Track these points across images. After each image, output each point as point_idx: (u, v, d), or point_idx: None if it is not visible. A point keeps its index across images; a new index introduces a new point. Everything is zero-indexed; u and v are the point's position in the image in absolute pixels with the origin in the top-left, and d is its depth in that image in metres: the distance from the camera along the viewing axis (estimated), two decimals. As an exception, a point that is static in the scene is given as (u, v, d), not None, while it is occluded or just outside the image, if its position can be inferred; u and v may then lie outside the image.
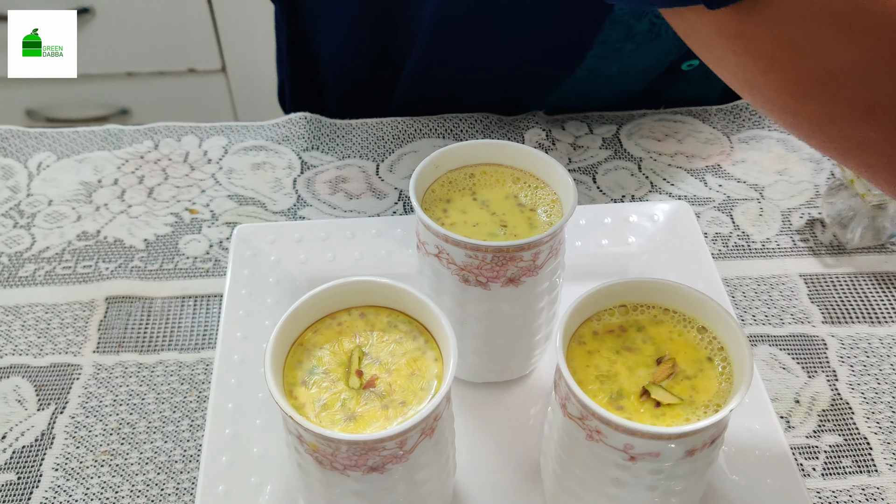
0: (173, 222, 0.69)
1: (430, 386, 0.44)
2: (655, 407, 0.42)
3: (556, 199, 0.53)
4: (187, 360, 0.60)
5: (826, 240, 0.68)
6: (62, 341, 0.61)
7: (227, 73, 1.63)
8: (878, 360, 0.60)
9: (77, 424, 0.56)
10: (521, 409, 0.56)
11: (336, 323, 0.46)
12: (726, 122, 0.77)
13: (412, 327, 0.46)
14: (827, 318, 0.62)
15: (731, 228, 0.69)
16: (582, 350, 0.45)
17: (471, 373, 0.57)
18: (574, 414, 0.43)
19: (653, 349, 0.45)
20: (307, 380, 0.44)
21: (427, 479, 0.45)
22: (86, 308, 0.63)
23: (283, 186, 0.72)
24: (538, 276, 0.51)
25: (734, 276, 0.65)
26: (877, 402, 0.57)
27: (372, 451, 0.41)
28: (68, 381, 0.59)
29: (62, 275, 0.65)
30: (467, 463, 0.53)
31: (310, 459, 0.43)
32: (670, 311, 0.46)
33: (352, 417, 0.42)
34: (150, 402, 0.58)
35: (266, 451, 0.53)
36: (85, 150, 0.75)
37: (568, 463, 0.45)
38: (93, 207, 0.70)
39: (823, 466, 0.54)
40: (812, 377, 0.59)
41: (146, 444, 0.56)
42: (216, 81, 1.65)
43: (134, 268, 0.66)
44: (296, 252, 0.63)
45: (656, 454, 0.41)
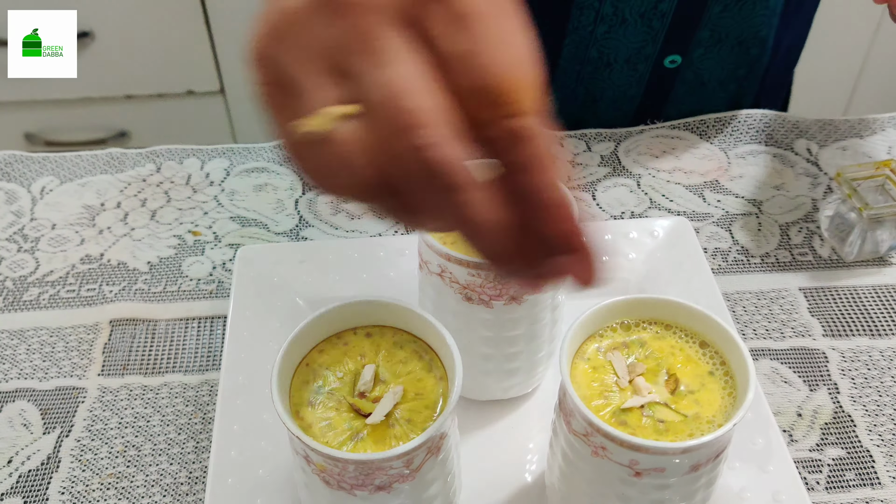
0: (176, 244, 0.70)
1: (436, 404, 0.44)
2: (659, 423, 0.43)
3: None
4: (192, 382, 0.60)
5: (825, 253, 0.68)
6: (67, 365, 0.61)
7: (225, 94, 1.64)
8: (879, 372, 0.60)
9: (83, 448, 0.57)
10: (526, 426, 0.56)
11: (342, 343, 0.47)
12: (723, 138, 0.78)
13: (418, 346, 0.46)
14: (827, 332, 0.63)
15: (730, 243, 0.69)
16: (586, 367, 0.45)
17: (475, 391, 0.57)
18: (579, 430, 0.43)
19: (655, 365, 0.45)
20: (313, 400, 0.44)
21: (433, 497, 0.45)
22: (90, 331, 0.63)
23: (285, 207, 0.73)
24: (540, 293, 0.51)
25: (734, 291, 0.66)
26: (879, 415, 0.58)
27: (379, 470, 0.41)
28: (73, 405, 0.59)
29: (66, 298, 0.66)
30: (473, 480, 0.53)
31: (317, 480, 0.43)
32: (672, 327, 0.47)
33: (358, 437, 0.42)
34: (155, 424, 0.58)
35: (271, 473, 0.53)
36: (87, 174, 0.76)
37: (573, 479, 0.45)
38: (96, 231, 0.71)
39: (827, 480, 0.54)
40: (814, 390, 0.59)
41: (152, 466, 0.56)
42: (215, 103, 1.66)
43: (137, 290, 0.66)
44: (299, 273, 0.63)
45: (661, 469, 0.41)
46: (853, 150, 0.77)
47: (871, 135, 0.78)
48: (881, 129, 0.79)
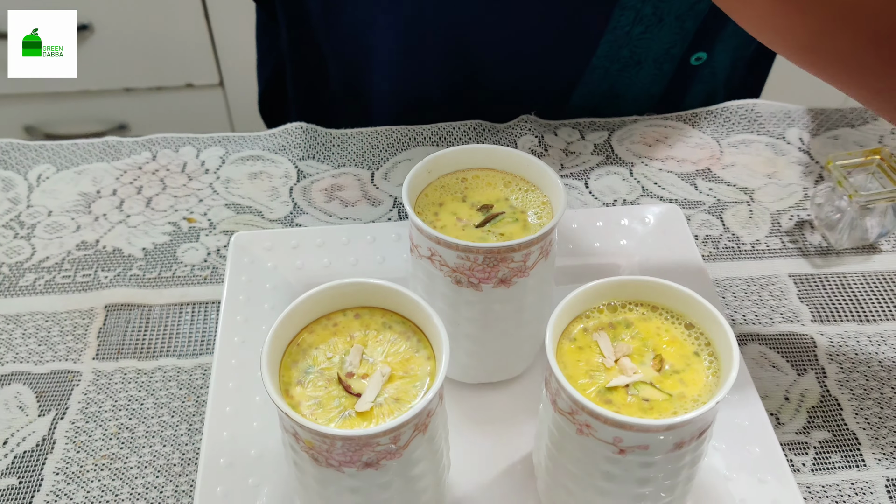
0: (171, 231, 0.70)
1: (424, 383, 0.44)
2: (644, 401, 0.43)
3: (546, 201, 0.54)
4: (185, 366, 0.61)
5: (815, 241, 0.69)
6: (62, 349, 0.62)
7: (224, 87, 1.65)
8: (866, 357, 0.61)
9: (77, 429, 0.57)
10: (515, 408, 0.57)
11: (332, 324, 0.47)
12: (716, 127, 0.79)
13: (406, 328, 0.47)
14: (816, 318, 0.63)
15: (721, 231, 0.70)
16: (572, 346, 0.46)
17: (465, 374, 0.58)
18: (564, 409, 0.43)
19: (641, 345, 0.46)
20: (303, 379, 0.45)
21: (422, 476, 0.45)
22: (85, 316, 0.64)
23: (279, 195, 0.73)
24: (529, 276, 0.51)
25: (724, 277, 0.66)
26: (865, 399, 0.58)
27: (366, 446, 0.41)
28: (68, 388, 0.60)
29: (62, 284, 0.66)
30: (462, 461, 0.53)
31: (306, 457, 0.43)
32: (658, 308, 0.47)
33: (346, 415, 0.43)
34: (148, 406, 0.59)
35: (263, 453, 0.53)
36: (84, 162, 0.76)
37: (559, 458, 0.46)
38: (92, 218, 0.71)
39: (813, 462, 0.55)
40: (801, 375, 0.60)
41: (145, 448, 0.56)
42: (214, 96, 1.66)
43: (132, 276, 0.67)
44: (292, 258, 0.64)
45: (645, 447, 0.42)
46: (845, 138, 0.77)
47: (862, 124, 0.79)
48: (873, 119, 0.79)
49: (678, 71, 0.77)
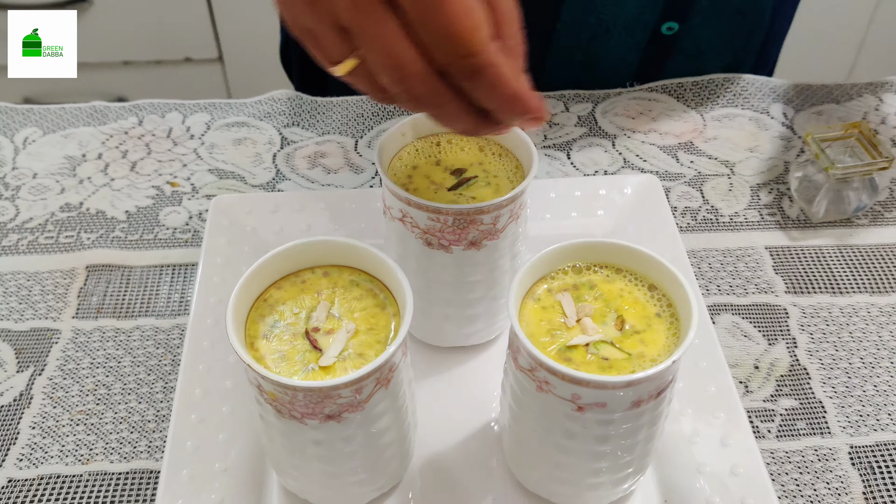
0: (154, 195, 0.71)
1: (388, 339, 0.45)
2: (603, 360, 0.44)
3: (519, 165, 0.54)
4: (163, 326, 0.62)
5: (793, 214, 0.69)
6: (42, 307, 0.63)
7: (223, 61, 1.65)
8: (837, 328, 0.61)
9: (55, 386, 0.58)
10: (486, 371, 0.58)
11: (300, 280, 0.48)
12: (700, 100, 0.79)
13: (373, 285, 0.48)
14: (790, 289, 0.64)
15: (700, 203, 0.70)
16: (535, 306, 0.46)
17: (438, 337, 0.59)
18: (524, 366, 0.44)
19: (604, 306, 0.46)
20: (268, 333, 0.45)
21: (385, 430, 0.46)
22: (66, 276, 0.65)
23: (263, 161, 0.74)
24: (499, 239, 0.52)
25: (701, 248, 0.67)
26: (833, 368, 0.59)
27: (328, 398, 0.42)
28: (47, 345, 0.60)
29: (44, 244, 0.67)
30: (431, 421, 0.54)
31: (269, 409, 0.44)
32: (623, 270, 0.48)
33: (310, 368, 0.44)
34: (126, 365, 0.59)
35: (235, 410, 0.54)
36: (71, 126, 0.77)
37: (521, 415, 0.47)
38: (76, 180, 0.72)
39: (778, 429, 0.55)
40: (772, 344, 0.60)
41: (121, 404, 0.57)
42: (212, 70, 1.66)
43: (115, 238, 0.67)
44: (271, 222, 0.64)
45: (603, 404, 0.42)
46: (829, 114, 0.78)
47: (847, 100, 0.79)
48: (857, 95, 0.79)
49: (652, 41, 0.77)
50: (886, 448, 0.54)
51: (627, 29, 0.76)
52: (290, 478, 0.49)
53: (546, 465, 0.48)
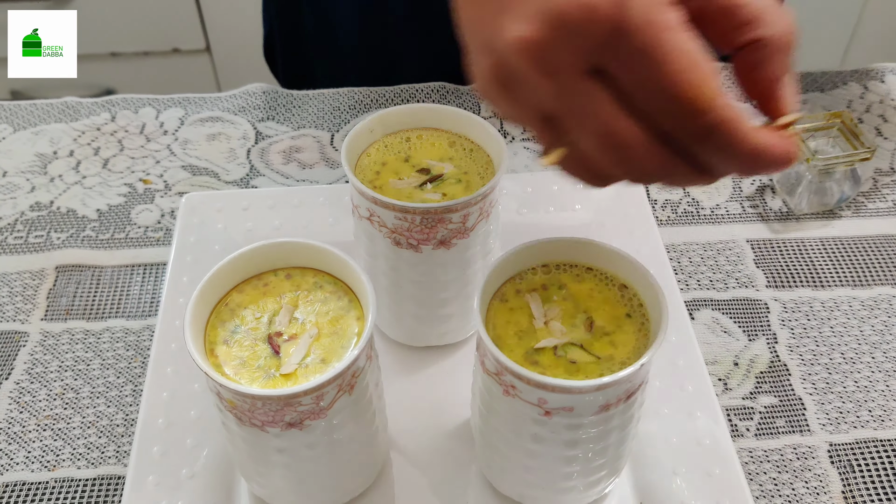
0: (126, 192, 0.70)
1: (351, 344, 0.44)
2: (571, 363, 0.43)
3: (489, 161, 0.53)
4: (134, 327, 0.61)
5: (776, 206, 0.68)
6: (10, 309, 0.62)
7: (211, 52, 1.63)
8: (818, 322, 0.60)
9: (21, 390, 0.57)
10: (461, 370, 0.56)
11: (262, 283, 0.47)
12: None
13: (337, 288, 0.47)
14: (771, 283, 0.63)
15: (681, 195, 0.69)
16: (503, 307, 0.45)
17: (411, 336, 0.57)
18: (491, 370, 0.43)
19: (573, 306, 0.45)
20: (229, 339, 0.44)
21: (350, 437, 0.45)
22: (35, 277, 0.64)
23: (237, 157, 0.72)
24: (469, 238, 0.51)
25: (682, 242, 0.65)
26: (814, 364, 0.58)
27: (288, 406, 0.41)
28: (14, 348, 0.59)
29: (13, 245, 0.66)
30: (404, 423, 0.53)
31: (230, 417, 0.43)
32: (593, 269, 0.47)
33: (271, 375, 0.43)
34: (95, 368, 0.58)
35: (203, 415, 0.53)
36: (42, 123, 0.75)
37: (490, 419, 0.46)
38: (47, 178, 0.71)
39: (757, 427, 0.54)
40: (752, 340, 0.59)
41: (89, 408, 0.56)
42: (200, 61, 1.65)
43: (85, 237, 0.66)
44: (242, 220, 0.63)
45: (570, 409, 0.41)
46: (812, 102, 0.76)
47: (832, 88, 0.78)
48: (843, 83, 0.78)
49: None
50: (866, 446, 0.54)
51: None
52: (256, 485, 0.48)
53: (516, 468, 0.47)
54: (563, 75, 0.33)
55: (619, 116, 0.34)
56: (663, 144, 0.34)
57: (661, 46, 0.32)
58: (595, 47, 0.32)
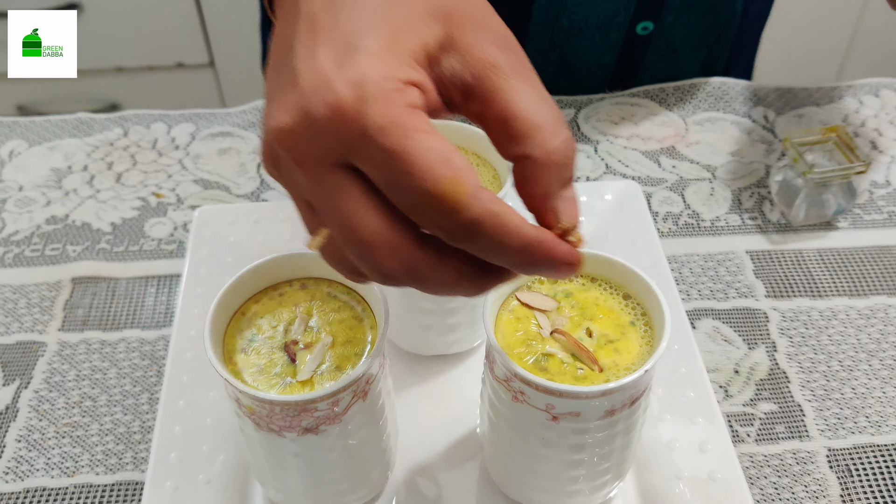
0: (140, 206, 0.71)
1: (364, 351, 0.45)
2: (578, 370, 0.44)
3: (496, 174, 0.55)
4: (149, 338, 0.62)
5: (774, 218, 0.70)
6: (28, 320, 0.63)
7: (215, 66, 1.65)
8: (816, 331, 0.62)
9: (40, 399, 0.59)
10: (468, 379, 0.58)
11: (278, 294, 0.48)
12: (682, 105, 0.79)
13: (350, 297, 0.48)
14: (770, 293, 0.64)
15: (682, 207, 0.71)
16: (510, 317, 0.47)
17: (420, 346, 0.59)
18: (500, 376, 0.45)
19: (579, 315, 0.47)
20: (246, 347, 0.46)
21: (364, 441, 0.46)
22: (52, 288, 0.65)
23: (247, 171, 0.74)
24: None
25: (683, 253, 0.67)
26: (813, 372, 0.59)
27: (304, 411, 0.42)
28: (33, 358, 0.61)
29: (30, 257, 0.67)
30: (414, 430, 0.55)
31: (248, 422, 0.45)
32: (598, 279, 0.48)
33: (288, 382, 0.44)
34: (111, 377, 0.60)
35: (219, 422, 0.55)
36: (56, 138, 0.77)
37: (499, 425, 0.47)
38: (62, 193, 0.72)
39: (757, 433, 0.56)
40: (752, 349, 0.61)
41: (106, 416, 0.58)
42: (205, 75, 1.67)
43: (100, 250, 0.68)
44: (254, 233, 0.65)
45: (577, 413, 0.43)
46: (809, 117, 0.78)
47: (828, 103, 0.80)
48: (838, 98, 0.80)
49: (627, 41, 0.78)
50: (864, 450, 0.55)
51: (601, 29, 0.76)
52: (272, 489, 0.50)
53: (524, 472, 0.48)
54: (311, 166, 0.33)
55: (364, 212, 0.33)
56: (421, 246, 0.34)
57: (405, 148, 0.31)
58: (341, 145, 0.32)
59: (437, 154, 0.32)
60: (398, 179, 0.32)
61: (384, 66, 0.33)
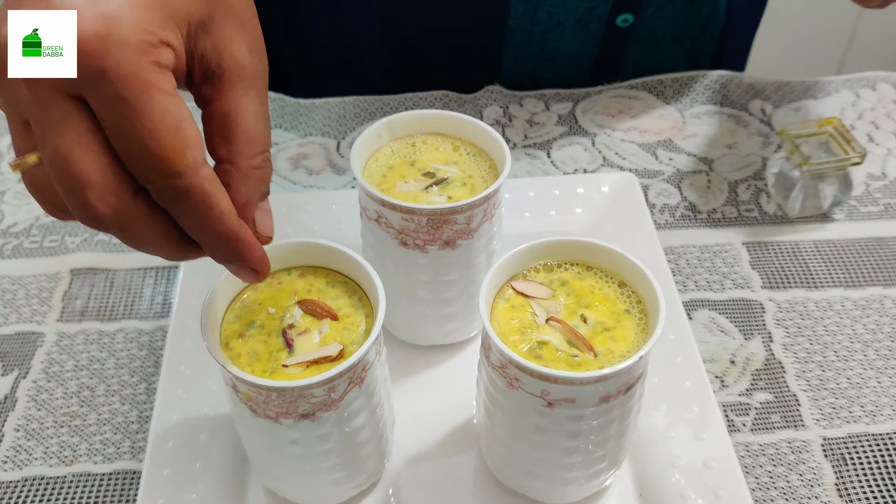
0: (138, 198, 0.72)
1: (361, 339, 0.46)
2: (573, 357, 0.44)
3: (493, 165, 0.55)
4: (147, 328, 0.62)
5: (770, 210, 0.70)
6: (27, 311, 0.63)
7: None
8: (812, 322, 0.62)
9: (39, 388, 0.59)
10: (465, 368, 0.58)
11: (276, 282, 0.49)
12: (680, 98, 0.79)
13: (348, 287, 0.48)
14: (766, 284, 0.64)
15: (678, 200, 0.71)
16: (506, 305, 0.47)
17: (417, 335, 0.59)
18: (496, 363, 0.45)
19: (574, 303, 0.47)
20: (244, 333, 0.46)
21: (360, 428, 0.47)
22: (51, 280, 0.65)
23: (245, 163, 0.74)
24: (473, 239, 0.53)
25: (679, 245, 0.67)
26: (808, 362, 0.59)
27: (301, 398, 0.43)
28: (31, 348, 0.61)
29: (29, 248, 0.68)
30: (411, 419, 0.55)
31: (245, 409, 0.45)
32: (593, 268, 0.48)
33: (284, 368, 0.44)
34: (109, 367, 0.60)
35: (217, 411, 0.55)
36: (55, 131, 0.77)
37: (494, 412, 0.47)
38: (61, 185, 0.73)
39: (753, 422, 0.56)
40: (748, 339, 0.61)
41: (104, 406, 0.58)
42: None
43: (99, 241, 0.68)
44: (252, 224, 0.65)
45: (572, 400, 0.43)
46: (806, 110, 0.78)
47: (825, 96, 0.80)
48: (835, 91, 0.80)
49: (608, 33, 0.78)
50: (858, 440, 0.55)
51: (581, 22, 0.76)
52: (269, 477, 0.50)
53: (520, 460, 0.48)
54: (40, 86, 0.33)
55: (84, 148, 0.33)
56: (134, 196, 0.34)
57: (141, 103, 0.32)
58: (78, 76, 0.33)
59: (171, 118, 0.33)
60: (126, 130, 0.32)
61: (147, 16, 0.34)
